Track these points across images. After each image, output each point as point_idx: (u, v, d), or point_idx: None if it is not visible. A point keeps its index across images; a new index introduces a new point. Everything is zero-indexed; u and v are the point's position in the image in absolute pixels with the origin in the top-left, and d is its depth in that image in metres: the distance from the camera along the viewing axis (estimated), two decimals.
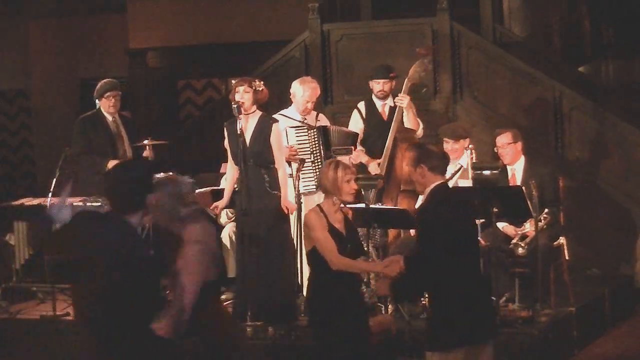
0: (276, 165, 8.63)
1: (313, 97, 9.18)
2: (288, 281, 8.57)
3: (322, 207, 6.82)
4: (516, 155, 9.03)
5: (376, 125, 9.65)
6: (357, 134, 9.40)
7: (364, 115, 9.70)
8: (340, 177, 6.78)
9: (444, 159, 6.33)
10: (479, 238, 8.46)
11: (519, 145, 9.03)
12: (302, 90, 9.14)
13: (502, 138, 9.05)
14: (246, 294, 8.25)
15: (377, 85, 9.63)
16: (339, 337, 6.65)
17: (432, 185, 6.19)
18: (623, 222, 10.21)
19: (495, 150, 9.10)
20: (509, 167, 9.06)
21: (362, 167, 9.38)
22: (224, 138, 8.81)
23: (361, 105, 9.77)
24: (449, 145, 9.25)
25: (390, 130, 9.44)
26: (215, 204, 8.91)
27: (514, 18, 12.25)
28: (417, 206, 6.56)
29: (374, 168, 9.44)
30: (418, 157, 6.23)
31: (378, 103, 9.72)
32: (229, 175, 8.80)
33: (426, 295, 7.15)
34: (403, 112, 9.49)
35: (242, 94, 8.51)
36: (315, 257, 6.73)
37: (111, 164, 9.46)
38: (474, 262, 6.28)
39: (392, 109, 9.63)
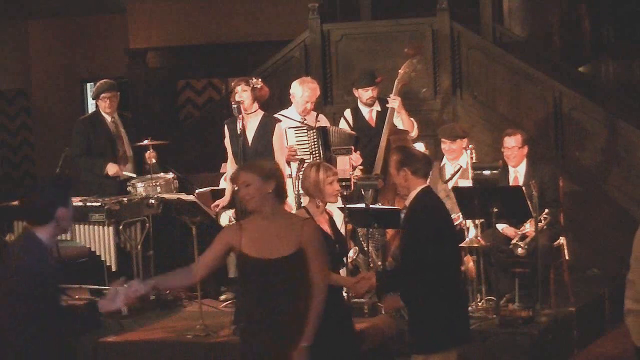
0: None
1: (312, 98, 9.17)
2: None
3: (308, 210, 6.82)
4: (521, 159, 9.02)
5: (364, 131, 9.57)
6: (357, 136, 9.38)
7: (350, 123, 9.64)
8: (322, 179, 6.75)
9: (427, 163, 6.35)
10: (478, 238, 8.52)
11: (525, 149, 9.03)
12: (302, 91, 9.13)
13: (511, 140, 9.01)
14: None
15: (366, 93, 9.57)
16: (322, 339, 6.67)
17: (418, 189, 6.22)
18: (623, 222, 10.19)
19: (502, 150, 9.08)
20: (512, 169, 9.05)
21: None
22: (224, 137, 8.80)
23: (347, 113, 9.73)
24: (446, 146, 9.25)
25: (383, 132, 9.40)
26: (216, 202, 8.91)
27: (514, 18, 12.24)
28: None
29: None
30: (401, 160, 6.25)
31: (364, 110, 9.67)
32: (230, 175, 8.79)
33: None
34: (394, 114, 9.46)
35: (241, 93, 8.51)
36: None
37: (110, 167, 9.47)
38: (457, 264, 6.38)
39: (380, 114, 9.58)
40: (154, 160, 9.45)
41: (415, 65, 9.71)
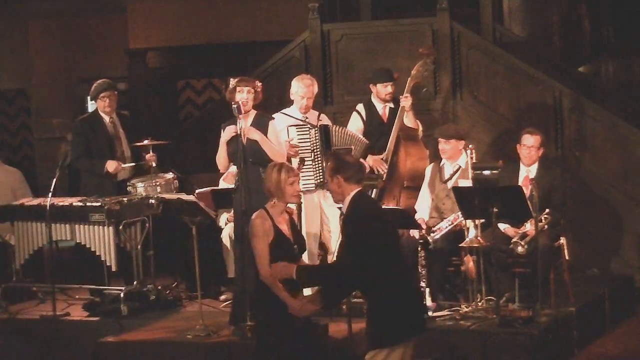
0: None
1: (308, 94, 9.17)
2: None
3: (268, 210, 6.85)
4: (535, 159, 9.05)
5: (376, 127, 9.66)
6: (365, 143, 9.41)
7: (364, 118, 9.70)
8: (284, 180, 6.83)
9: (360, 169, 6.51)
10: (478, 238, 8.51)
11: (541, 151, 9.06)
12: (297, 87, 9.16)
13: (531, 139, 9.03)
14: (246, 294, 8.24)
15: (385, 89, 9.63)
16: (278, 338, 6.72)
17: (352, 194, 6.40)
18: (623, 222, 10.21)
19: (517, 146, 9.09)
20: (523, 168, 9.06)
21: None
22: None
23: (360, 107, 9.77)
24: (441, 145, 9.28)
25: (393, 129, 9.47)
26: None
27: (514, 18, 12.24)
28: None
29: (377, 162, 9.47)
30: (335, 168, 6.44)
31: (379, 106, 9.72)
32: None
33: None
34: (404, 112, 9.50)
35: (247, 95, 8.49)
36: None
37: (109, 164, 9.47)
38: (400, 261, 6.46)
39: (392, 110, 9.64)
40: (154, 164, 9.45)
41: (428, 65, 9.82)
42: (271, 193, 6.88)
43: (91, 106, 14.49)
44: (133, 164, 9.55)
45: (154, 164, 9.44)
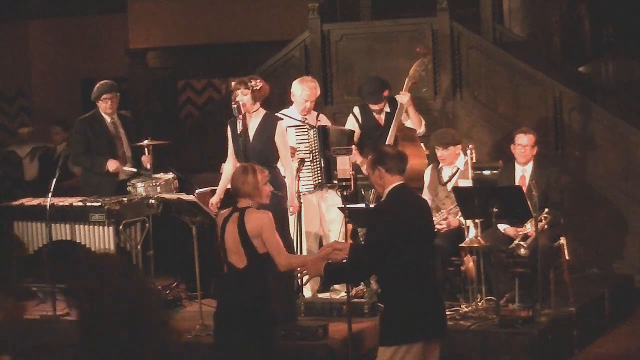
0: (283, 164, 8.61)
1: (312, 97, 9.18)
2: (288, 281, 8.56)
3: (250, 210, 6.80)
4: (530, 158, 9.06)
5: (372, 129, 9.61)
6: (352, 132, 9.41)
7: (359, 120, 9.67)
8: (260, 181, 6.81)
9: (400, 160, 6.45)
10: (478, 238, 8.51)
11: (535, 149, 9.07)
12: (301, 90, 9.15)
13: (523, 138, 9.05)
14: None
15: (374, 107, 9.60)
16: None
17: (391, 186, 6.34)
18: (623, 222, 10.21)
19: (512, 146, 9.10)
20: (519, 167, 9.07)
21: (357, 167, 9.36)
22: (227, 137, 8.76)
23: (356, 110, 9.75)
24: (439, 152, 9.27)
25: (391, 129, 9.45)
26: (210, 201, 8.86)
27: (514, 18, 12.24)
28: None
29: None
30: (375, 160, 6.40)
31: (374, 109, 9.70)
32: (226, 172, 8.73)
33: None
34: (403, 110, 9.49)
35: (241, 97, 8.50)
36: (265, 260, 6.74)
37: (110, 163, 9.47)
38: (427, 261, 6.41)
39: (388, 114, 9.60)
40: (148, 166, 9.43)
41: (426, 64, 9.81)
42: (250, 195, 6.81)
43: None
44: (134, 169, 9.52)
45: (149, 166, 9.41)
